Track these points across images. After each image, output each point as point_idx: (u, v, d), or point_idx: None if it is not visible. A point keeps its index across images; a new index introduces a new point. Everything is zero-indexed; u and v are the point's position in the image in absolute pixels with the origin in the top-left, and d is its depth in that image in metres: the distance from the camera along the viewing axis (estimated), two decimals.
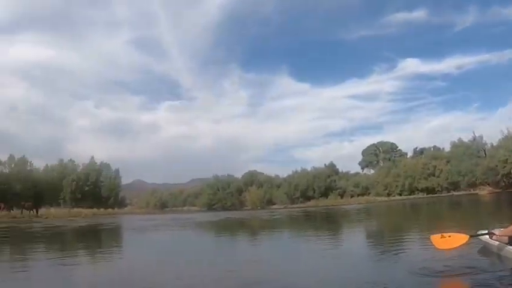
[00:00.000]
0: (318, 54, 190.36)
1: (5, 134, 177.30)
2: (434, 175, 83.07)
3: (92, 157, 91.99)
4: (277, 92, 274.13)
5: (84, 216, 52.55)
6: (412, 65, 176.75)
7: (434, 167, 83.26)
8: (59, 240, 21.25)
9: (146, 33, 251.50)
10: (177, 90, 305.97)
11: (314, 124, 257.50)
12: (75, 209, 64.60)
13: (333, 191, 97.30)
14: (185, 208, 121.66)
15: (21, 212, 47.40)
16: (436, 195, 77.22)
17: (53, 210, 58.25)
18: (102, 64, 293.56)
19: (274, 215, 41.73)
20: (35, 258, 13.09)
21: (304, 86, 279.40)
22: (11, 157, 77.32)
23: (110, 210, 74.34)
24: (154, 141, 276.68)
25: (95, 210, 66.29)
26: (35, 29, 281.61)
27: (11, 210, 47.58)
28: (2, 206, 48.16)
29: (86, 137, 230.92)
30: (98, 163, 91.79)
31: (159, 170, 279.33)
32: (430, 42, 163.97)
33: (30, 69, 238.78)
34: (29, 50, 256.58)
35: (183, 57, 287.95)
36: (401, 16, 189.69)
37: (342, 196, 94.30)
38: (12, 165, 76.46)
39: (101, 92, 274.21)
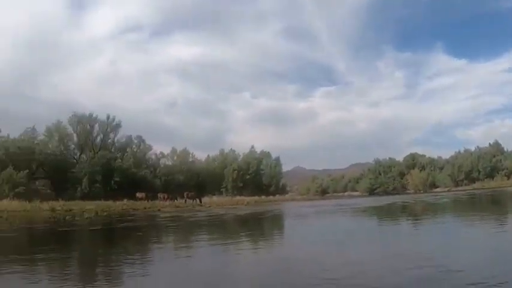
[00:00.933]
0: (473, 28, 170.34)
1: (166, 128, 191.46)
2: None
3: (252, 146, 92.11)
4: (433, 70, 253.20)
5: (246, 204, 51.21)
6: None
7: None
8: (222, 227, 21.90)
9: (295, 21, 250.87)
10: (331, 76, 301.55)
11: (474, 102, 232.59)
12: (237, 197, 63.77)
13: (499, 172, 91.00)
14: (346, 193, 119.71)
15: (185, 202, 47.12)
16: None
17: (215, 198, 57.70)
18: (255, 56, 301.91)
19: (439, 199, 40.98)
20: (199, 243, 14.23)
21: (461, 63, 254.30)
22: (173, 150, 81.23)
23: (271, 197, 72.82)
24: (311, 128, 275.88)
25: (256, 198, 64.86)
26: (187, 29, 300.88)
27: (175, 200, 47.27)
28: (166, 196, 48.35)
29: (244, 127, 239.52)
30: (258, 152, 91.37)
31: (318, 156, 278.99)
32: None
33: (186, 67, 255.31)
34: (183, 49, 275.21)
35: (334, 43, 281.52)
36: None
37: (508, 177, 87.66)
38: (175, 158, 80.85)
39: (256, 83, 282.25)
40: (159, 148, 79.60)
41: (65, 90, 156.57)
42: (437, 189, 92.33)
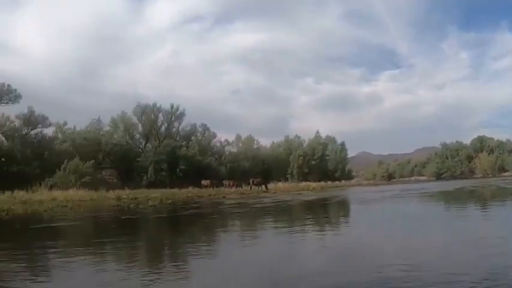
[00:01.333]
0: None
1: (231, 116, 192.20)
2: None
3: (317, 132, 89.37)
4: (499, 50, 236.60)
5: (312, 189, 49.44)
6: None
7: None
8: (288, 213, 21.26)
9: (356, 5, 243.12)
10: (395, 59, 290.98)
11: None
12: (303, 183, 61.71)
13: None
14: (413, 178, 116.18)
15: (250, 188, 45.64)
16: None
17: (280, 185, 55.87)
18: (318, 41, 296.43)
19: (508, 183, 40.16)
20: (265, 229, 14.25)
21: None
22: (238, 137, 79.96)
23: (337, 183, 70.12)
24: (376, 112, 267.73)
25: (321, 183, 62.52)
26: (248, 16, 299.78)
27: (240, 187, 45.84)
28: (232, 183, 46.96)
29: (308, 113, 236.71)
30: (323, 137, 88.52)
31: (383, 140, 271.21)
32: None
33: (248, 54, 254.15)
34: (245, 36, 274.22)
35: (397, 25, 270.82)
36: None
37: None
38: (240, 145, 79.70)
39: (320, 68, 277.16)
40: (224, 136, 79.56)
41: (129, 82, 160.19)
42: (507, 173, 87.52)
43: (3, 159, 44.19)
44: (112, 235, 13.41)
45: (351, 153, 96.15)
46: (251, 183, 46.93)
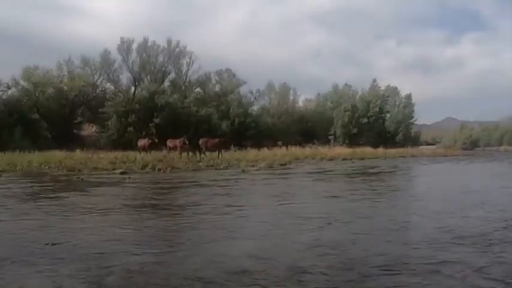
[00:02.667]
0: None
1: (311, 77, 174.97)
2: None
3: (374, 80, 67.65)
4: None
5: (344, 159, 32.56)
6: None
7: None
8: None
9: None
10: (478, 21, 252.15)
11: None
12: (338, 149, 42.53)
13: None
14: (502, 148, 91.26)
15: (199, 155, 27.07)
16: None
17: (308, 150, 37.43)
18: (399, 2, 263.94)
19: None
20: None
21: None
22: (270, 85, 60.85)
23: (399, 149, 49.72)
24: (460, 77, 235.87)
25: (371, 150, 43.04)
26: None
27: (194, 153, 27.53)
28: (180, 143, 27.47)
29: (389, 76, 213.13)
30: (382, 88, 66.96)
31: (470, 107, 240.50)
32: None
33: (329, 16, 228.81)
34: None
35: None
36: None
37: None
38: (272, 96, 60.77)
39: (401, 30, 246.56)
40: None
41: (207, 44, 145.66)
42: None
43: None
44: None
45: (435, 119, 75.43)
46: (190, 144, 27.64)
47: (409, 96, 65.78)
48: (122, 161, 22.40)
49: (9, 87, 41.71)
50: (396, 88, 66.48)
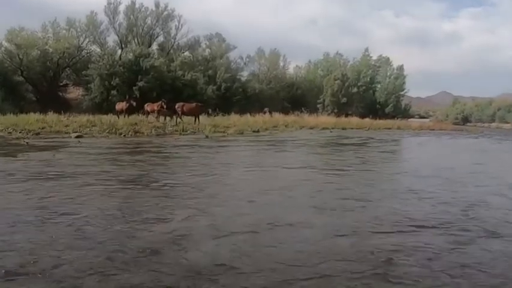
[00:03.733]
0: None
1: (305, 45, 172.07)
2: None
3: (366, 50, 66.16)
4: None
5: (331, 128, 32.48)
6: None
7: None
8: None
9: None
10: None
11: None
12: (325, 117, 41.84)
13: None
14: (493, 124, 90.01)
15: (168, 119, 26.73)
16: None
17: (290, 118, 36.90)
18: None
19: None
20: None
21: None
22: (260, 52, 59.45)
23: (388, 121, 48.92)
24: (457, 52, 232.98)
25: (355, 120, 42.30)
26: None
27: (171, 117, 26.92)
28: (157, 107, 26.59)
29: (386, 47, 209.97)
30: (374, 58, 65.62)
31: (465, 82, 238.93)
32: None
33: None
34: None
35: None
36: None
37: None
38: (262, 62, 58.92)
39: (400, 1, 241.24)
40: None
41: (202, 10, 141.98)
42: None
43: None
44: None
45: (429, 92, 74.30)
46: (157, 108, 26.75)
47: (400, 68, 64.59)
48: (93, 124, 21.77)
49: None
50: (388, 59, 65.23)
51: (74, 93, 47.38)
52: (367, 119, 43.99)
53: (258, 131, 23.92)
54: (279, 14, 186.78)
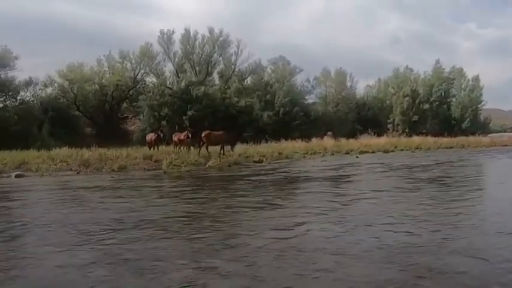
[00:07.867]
0: None
1: (391, 64, 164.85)
2: None
3: (437, 61, 58.48)
4: None
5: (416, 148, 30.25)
6: None
7: None
8: None
9: None
10: None
11: None
12: (394, 138, 36.06)
13: None
14: None
15: (178, 149, 22.83)
16: None
17: (364, 139, 32.24)
18: None
19: None
20: None
21: None
22: (326, 73, 54.16)
23: (463, 138, 42.01)
24: None
25: (431, 139, 36.25)
26: None
27: (200, 147, 23.05)
28: (184, 136, 22.79)
29: (471, 60, 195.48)
30: (447, 70, 57.99)
31: None
32: None
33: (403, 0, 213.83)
34: None
35: None
36: None
37: None
38: (327, 83, 53.50)
39: (482, 12, 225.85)
40: None
41: (285, 33, 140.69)
42: None
43: None
44: None
45: None
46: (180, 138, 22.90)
47: (476, 78, 56.59)
48: (110, 158, 18.13)
49: (46, 86, 39.30)
50: (462, 69, 57.68)
51: (136, 124, 45.34)
52: (455, 137, 37.86)
53: (260, 161, 19.45)
54: (359, 34, 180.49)
